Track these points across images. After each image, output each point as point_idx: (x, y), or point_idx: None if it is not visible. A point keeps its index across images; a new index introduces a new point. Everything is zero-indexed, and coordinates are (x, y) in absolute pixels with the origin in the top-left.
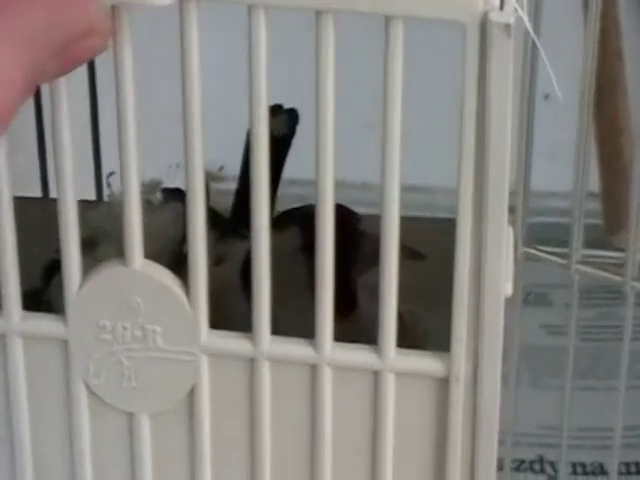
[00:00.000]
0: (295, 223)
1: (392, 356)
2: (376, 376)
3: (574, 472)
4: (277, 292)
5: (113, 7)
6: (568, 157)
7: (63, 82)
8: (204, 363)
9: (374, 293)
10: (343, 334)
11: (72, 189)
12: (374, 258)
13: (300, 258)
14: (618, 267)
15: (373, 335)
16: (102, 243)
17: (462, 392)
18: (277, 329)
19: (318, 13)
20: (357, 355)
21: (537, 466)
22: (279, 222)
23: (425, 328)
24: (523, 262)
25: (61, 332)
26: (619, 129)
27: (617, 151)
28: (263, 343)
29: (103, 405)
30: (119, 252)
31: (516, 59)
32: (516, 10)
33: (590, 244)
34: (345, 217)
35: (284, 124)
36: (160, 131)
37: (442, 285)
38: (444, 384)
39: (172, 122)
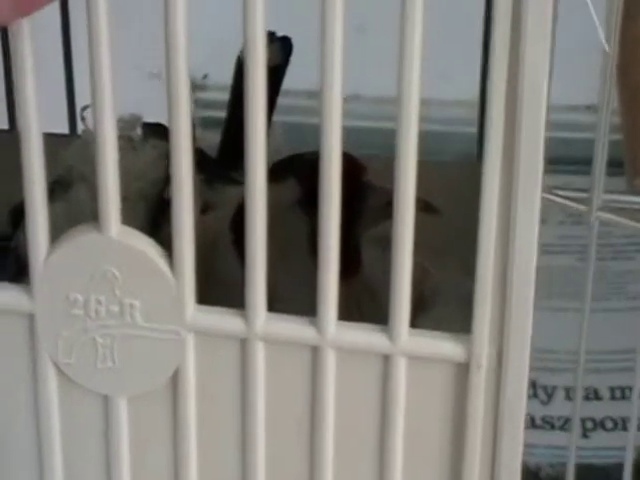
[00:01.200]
0: (292, 174)
1: (404, 338)
2: (386, 360)
3: (567, 397)
4: (273, 254)
5: None
6: None
7: None
8: (190, 342)
9: (381, 250)
10: (346, 297)
11: (36, 124)
12: (381, 213)
13: (299, 214)
14: None
15: (380, 298)
16: (76, 185)
17: (484, 380)
18: (273, 298)
19: None
20: (365, 336)
21: (530, 391)
22: (274, 173)
23: (434, 285)
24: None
25: (26, 305)
26: None
27: None
28: (257, 322)
29: (75, 387)
30: (95, 197)
31: None
32: None
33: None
34: (349, 168)
35: (277, 53)
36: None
37: (457, 240)
38: (464, 370)
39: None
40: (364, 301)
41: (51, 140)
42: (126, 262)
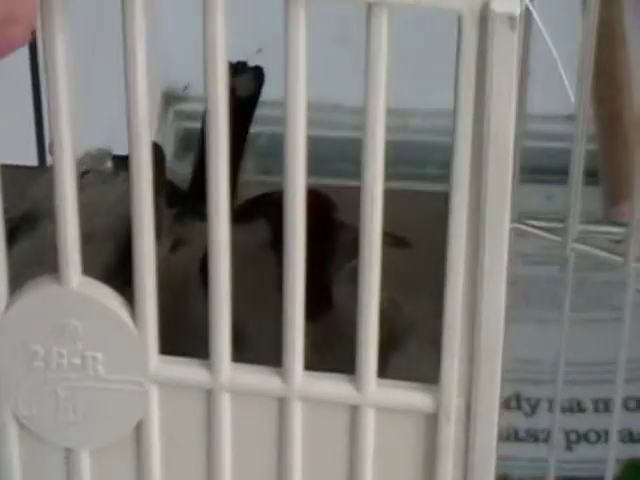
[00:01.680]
0: (262, 214)
1: (372, 389)
2: (354, 411)
3: (551, 409)
4: (244, 296)
5: None
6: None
7: None
8: (153, 394)
9: (352, 288)
10: (317, 337)
11: None
12: (352, 250)
13: (270, 255)
14: (617, 244)
15: (352, 337)
16: (43, 221)
17: (453, 431)
18: (243, 342)
19: None
20: (332, 387)
21: (514, 403)
22: (244, 213)
23: (407, 321)
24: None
25: None
26: (618, 85)
27: (617, 111)
28: (223, 372)
29: (36, 439)
30: None
31: None
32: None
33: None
34: (318, 205)
35: (249, 83)
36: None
37: (431, 273)
38: (433, 421)
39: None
40: (336, 340)
41: (18, 172)
42: (87, 314)
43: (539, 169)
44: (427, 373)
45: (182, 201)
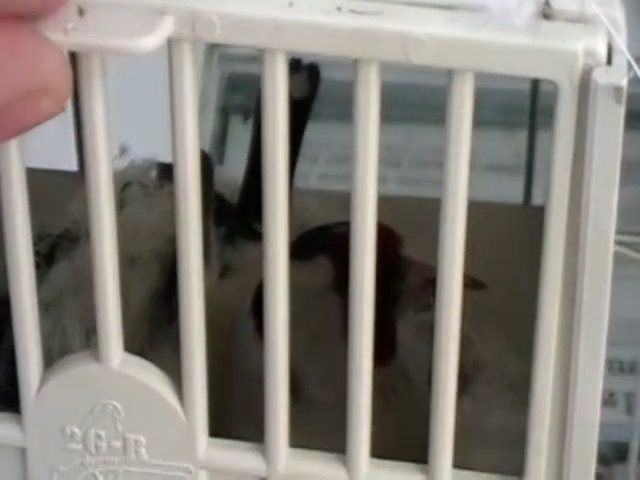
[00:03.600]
0: (322, 250)
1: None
2: None
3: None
4: (303, 343)
5: (77, 55)
6: None
7: None
8: None
9: (417, 331)
10: (381, 385)
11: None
12: (420, 292)
13: (333, 297)
14: None
15: (417, 384)
16: (84, 240)
17: None
18: (300, 394)
19: None
20: (397, 476)
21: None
22: (302, 249)
23: (477, 358)
24: None
25: (18, 438)
26: None
27: None
28: (279, 459)
29: None
30: None
31: None
32: (630, 66)
33: None
34: (385, 239)
35: (304, 84)
36: None
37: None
38: None
39: None
40: (400, 388)
41: (58, 180)
42: (129, 394)
43: None
44: (497, 420)
45: (231, 218)
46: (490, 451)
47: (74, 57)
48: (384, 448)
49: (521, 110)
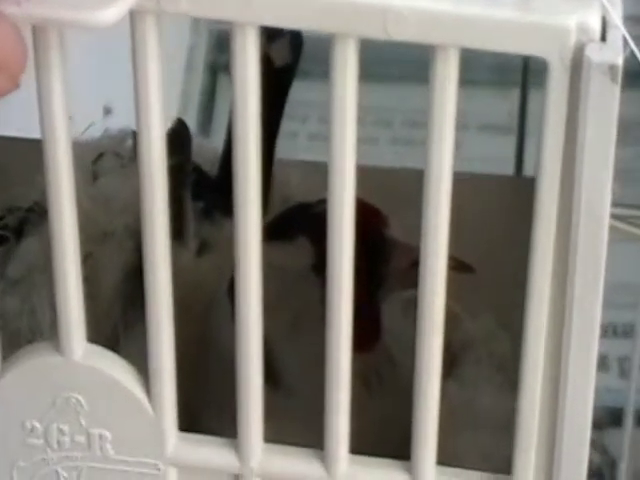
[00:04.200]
0: (302, 230)
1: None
2: None
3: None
4: (284, 329)
5: (35, 29)
6: None
7: None
8: (171, 477)
9: (403, 313)
10: (365, 369)
11: None
12: (405, 275)
13: (313, 280)
14: None
15: (402, 368)
16: None
17: None
18: (278, 381)
19: None
20: (377, 474)
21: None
22: (279, 229)
23: (465, 337)
24: None
25: None
26: None
27: None
28: (253, 455)
29: None
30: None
31: None
32: (626, 42)
33: None
34: (368, 219)
35: (286, 50)
36: None
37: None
38: None
39: None
40: (385, 372)
41: (27, 147)
42: (93, 387)
43: None
44: (483, 400)
45: (210, 192)
46: (479, 435)
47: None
48: (366, 442)
49: (513, 69)
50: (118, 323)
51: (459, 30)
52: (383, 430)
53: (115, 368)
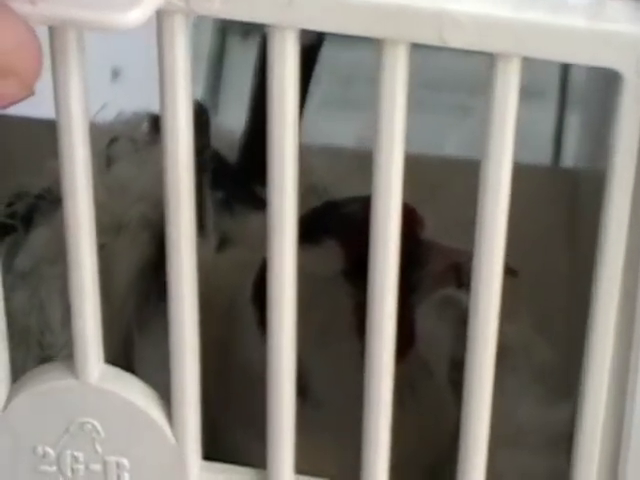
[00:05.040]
0: (330, 233)
1: None
2: None
3: None
4: (311, 339)
5: (52, 30)
6: None
7: None
8: None
9: (438, 319)
10: (397, 380)
11: None
12: (443, 279)
13: (343, 287)
14: None
15: (437, 377)
16: None
17: None
18: (306, 393)
19: None
20: None
21: None
22: (308, 231)
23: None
24: None
25: None
26: None
27: None
28: None
29: None
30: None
31: None
32: None
33: None
34: (405, 222)
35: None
36: None
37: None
38: None
39: None
40: (419, 381)
41: (37, 129)
42: (110, 412)
43: None
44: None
45: (230, 181)
46: (517, 453)
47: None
48: (398, 455)
49: None
50: (132, 321)
51: (521, 38)
52: (414, 445)
53: (134, 391)
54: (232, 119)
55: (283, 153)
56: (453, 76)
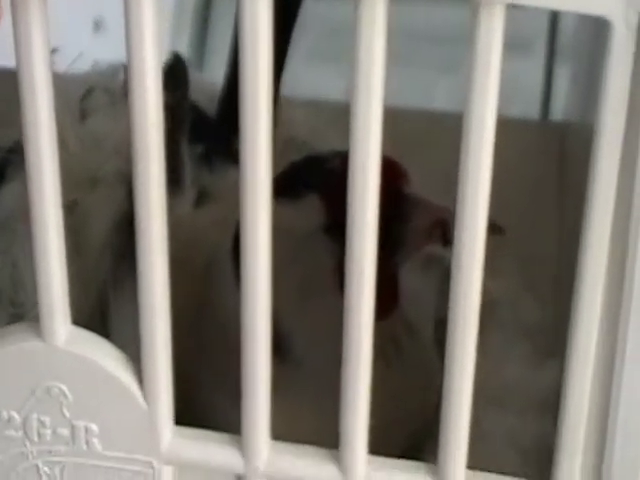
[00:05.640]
0: (312, 187)
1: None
2: None
3: None
4: (289, 294)
5: None
6: None
7: None
8: (166, 477)
9: (421, 277)
10: (381, 337)
11: None
12: (426, 235)
13: (325, 242)
14: None
15: (421, 335)
16: None
17: None
18: (286, 351)
19: None
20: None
21: None
22: (289, 186)
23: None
24: None
25: None
26: None
27: None
28: (259, 454)
29: None
30: None
31: None
32: None
33: None
34: (387, 176)
35: None
36: None
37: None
38: None
39: None
40: (402, 339)
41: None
42: (78, 376)
43: None
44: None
45: (209, 134)
46: (505, 413)
47: None
48: (381, 419)
49: None
50: (107, 279)
51: None
52: (400, 406)
53: (103, 354)
54: (218, 73)
55: (257, 106)
56: (452, 30)
